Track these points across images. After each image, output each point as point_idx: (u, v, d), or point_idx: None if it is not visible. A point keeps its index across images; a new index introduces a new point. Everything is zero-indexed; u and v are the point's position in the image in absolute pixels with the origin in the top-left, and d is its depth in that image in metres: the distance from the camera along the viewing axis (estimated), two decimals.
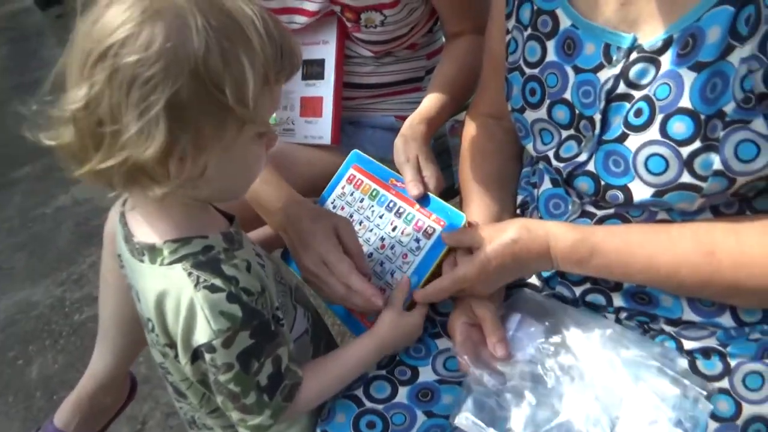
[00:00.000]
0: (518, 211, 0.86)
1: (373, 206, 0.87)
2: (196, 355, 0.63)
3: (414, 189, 0.82)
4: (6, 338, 1.90)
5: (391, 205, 0.86)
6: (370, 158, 0.91)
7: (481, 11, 1.02)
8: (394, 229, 0.84)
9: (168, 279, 0.61)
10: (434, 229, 0.80)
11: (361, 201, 0.89)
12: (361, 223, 0.88)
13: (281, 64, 0.60)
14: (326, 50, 1.06)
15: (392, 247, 0.83)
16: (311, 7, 1.01)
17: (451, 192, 1.17)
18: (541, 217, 0.79)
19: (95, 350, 1.13)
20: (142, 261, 0.64)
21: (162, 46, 0.52)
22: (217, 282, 0.60)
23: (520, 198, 0.87)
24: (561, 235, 0.69)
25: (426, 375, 0.77)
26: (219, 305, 0.60)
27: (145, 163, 0.54)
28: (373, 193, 0.88)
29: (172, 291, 0.61)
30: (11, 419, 1.65)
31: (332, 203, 0.92)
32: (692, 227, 0.65)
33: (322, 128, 1.08)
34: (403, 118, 1.13)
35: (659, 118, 0.62)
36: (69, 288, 2.04)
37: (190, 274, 0.60)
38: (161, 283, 0.62)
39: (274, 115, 1.12)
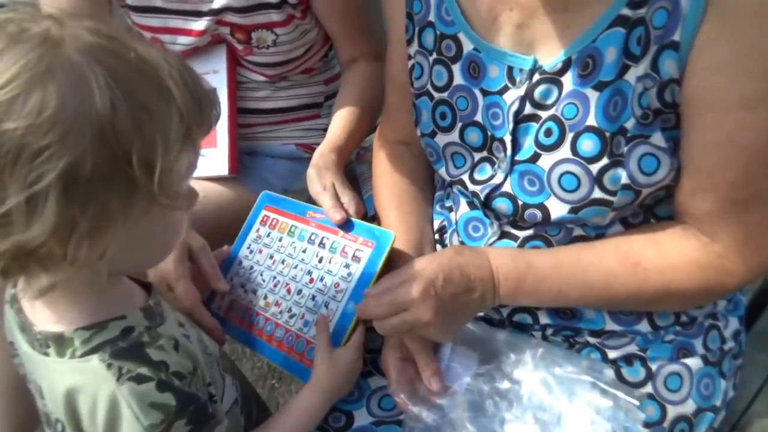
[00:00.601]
0: (436, 236, 0.85)
1: (293, 242, 0.84)
2: None
3: (336, 214, 0.80)
4: None
5: (312, 237, 0.82)
6: (282, 196, 0.88)
7: (375, 37, 1.03)
8: (320, 261, 0.80)
9: (81, 374, 0.53)
10: (363, 251, 0.78)
11: (280, 240, 0.85)
12: (283, 261, 0.83)
13: (201, 118, 0.52)
14: (217, 79, 1.02)
15: (321, 279, 0.79)
16: (198, 26, 0.97)
17: (366, 220, 1.15)
18: (461, 241, 0.79)
19: None
20: (46, 354, 0.54)
21: (57, 109, 0.43)
22: (144, 371, 0.52)
23: (437, 223, 0.86)
24: (500, 252, 0.69)
25: (362, 419, 0.73)
26: (148, 396, 0.52)
27: (34, 248, 0.45)
28: (292, 230, 0.85)
29: (86, 387, 0.52)
30: None
31: (248, 248, 0.87)
32: (614, 242, 0.67)
33: (218, 159, 1.03)
34: (305, 146, 1.11)
35: (569, 136, 0.63)
36: None
37: (109, 366, 0.52)
38: (72, 378, 0.53)
39: None
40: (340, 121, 0.96)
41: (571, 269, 0.67)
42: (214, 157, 1.03)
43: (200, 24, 0.97)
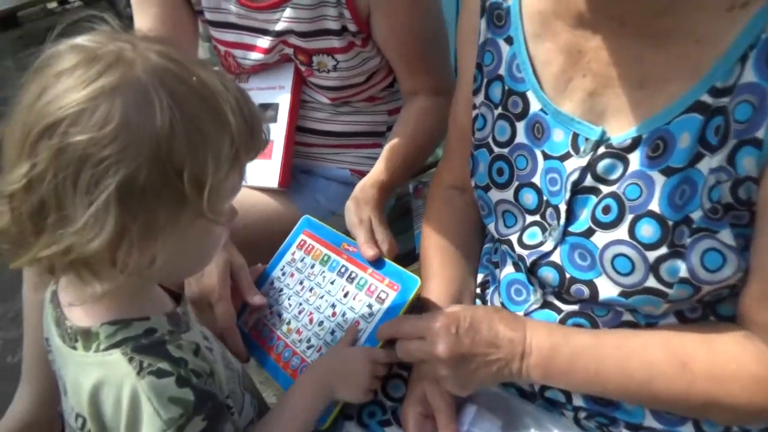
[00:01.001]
0: (478, 290, 0.83)
1: (324, 272, 0.84)
2: None
3: (369, 250, 0.79)
4: None
5: (342, 270, 0.82)
6: (322, 223, 0.89)
7: (438, 72, 1.02)
8: (345, 295, 0.80)
9: (104, 367, 0.55)
10: (387, 294, 0.77)
11: (312, 267, 0.85)
12: (311, 289, 0.84)
13: (251, 144, 0.55)
14: (282, 94, 1.06)
15: (344, 314, 0.79)
16: (265, 44, 1.00)
17: (411, 257, 1.14)
18: (501, 302, 0.76)
19: (18, 390, 1.05)
20: (74, 348, 0.57)
21: (120, 124, 0.47)
22: (164, 366, 0.54)
23: (480, 276, 0.83)
24: (538, 322, 0.66)
25: None
26: (168, 391, 0.53)
27: (90, 255, 0.48)
28: (324, 259, 0.85)
29: (109, 381, 0.54)
30: None
31: (281, 270, 0.88)
32: (663, 336, 0.62)
33: (270, 171, 1.05)
34: (359, 173, 1.11)
35: (629, 218, 0.60)
36: (3, 327, 1.91)
37: (131, 359, 0.54)
38: (97, 372, 0.55)
39: None
40: (388, 156, 0.96)
41: (611, 352, 0.62)
42: (267, 169, 1.05)
43: (265, 42, 1.00)
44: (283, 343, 0.82)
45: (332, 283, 0.82)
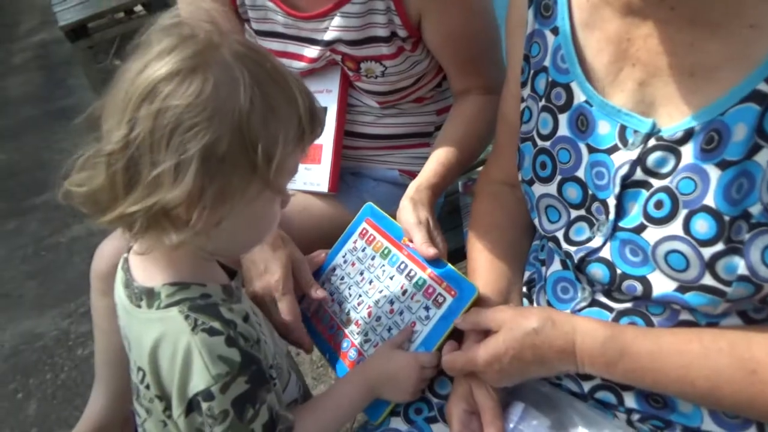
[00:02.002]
0: (525, 288, 0.81)
1: (384, 265, 0.84)
2: (191, 406, 0.60)
3: (429, 249, 0.80)
4: (8, 369, 1.89)
5: (402, 266, 0.83)
6: (384, 213, 0.89)
7: (490, 71, 1.00)
8: (404, 293, 0.80)
9: (164, 323, 0.60)
10: (444, 299, 0.77)
11: (372, 258, 0.86)
12: (371, 282, 0.85)
13: (313, 127, 0.61)
14: (329, 98, 1.06)
15: (401, 313, 0.80)
16: (312, 53, 1.01)
17: (460, 254, 1.13)
18: (548, 301, 0.74)
19: (92, 391, 1.11)
20: (139, 306, 0.63)
21: (211, 96, 0.53)
22: (216, 325, 0.59)
23: (527, 274, 0.82)
24: (590, 332, 0.63)
25: None
26: (217, 349, 0.58)
27: (171, 208, 0.54)
28: (385, 252, 0.85)
29: (168, 335, 0.60)
30: None
31: (343, 257, 0.90)
32: (728, 338, 0.59)
33: (320, 175, 1.06)
34: (408, 173, 1.12)
35: (683, 213, 0.57)
36: (75, 321, 2.03)
37: (187, 317, 0.59)
38: (157, 328, 0.61)
39: None
40: (441, 156, 0.95)
41: (671, 361, 0.59)
42: (316, 174, 1.06)
43: (313, 52, 1.00)
44: (342, 333, 0.84)
45: (391, 278, 0.83)
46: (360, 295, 0.85)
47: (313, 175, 1.07)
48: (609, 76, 0.64)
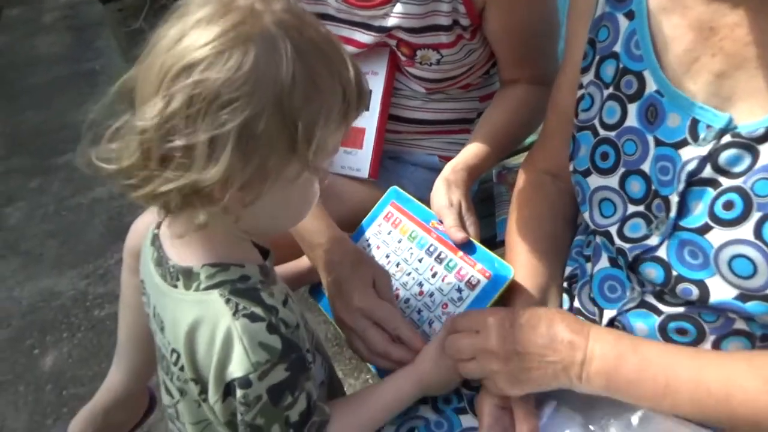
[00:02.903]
0: (565, 284, 0.79)
1: (411, 248, 0.82)
2: (227, 390, 0.58)
3: (458, 233, 0.77)
4: (26, 325, 1.91)
5: (431, 249, 0.80)
6: (410, 197, 0.87)
7: (542, 61, 0.97)
8: (434, 276, 0.78)
9: (203, 306, 0.57)
10: (478, 280, 0.75)
11: (399, 242, 0.84)
12: (398, 264, 0.82)
13: (359, 103, 0.58)
14: (375, 81, 1.03)
15: (431, 295, 0.77)
16: (364, 39, 0.98)
17: (491, 243, 1.10)
18: (592, 298, 0.72)
19: (113, 364, 1.11)
20: (175, 286, 0.60)
21: (251, 70, 0.50)
22: (257, 311, 0.56)
23: (569, 269, 0.79)
24: (602, 329, 0.63)
25: None
26: (258, 336, 0.56)
27: (206, 186, 0.51)
28: (413, 235, 0.83)
29: (206, 319, 0.57)
30: (19, 411, 1.64)
31: (367, 240, 0.87)
32: (745, 352, 0.58)
33: (361, 161, 1.04)
34: (447, 159, 1.08)
35: (756, 216, 0.54)
36: (93, 282, 2.04)
37: (228, 300, 0.56)
38: (195, 310, 0.58)
39: None
40: (481, 140, 0.93)
41: (685, 362, 0.58)
42: (357, 158, 1.04)
43: (366, 37, 0.97)
44: None
45: (420, 260, 0.81)
46: None
47: (353, 160, 1.04)
48: (683, 66, 0.60)
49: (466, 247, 0.78)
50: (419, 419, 0.73)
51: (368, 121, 1.03)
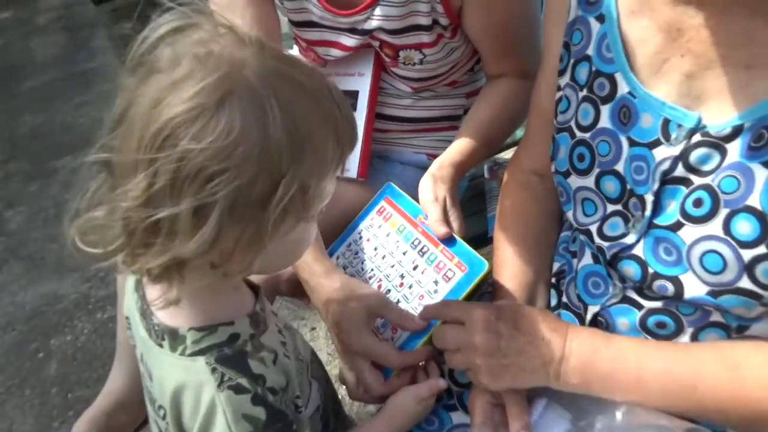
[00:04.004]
0: (553, 280, 0.80)
1: (398, 242, 0.85)
2: None
3: (441, 228, 0.79)
4: (30, 329, 1.93)
5: (415, 242, 0.83)
6: (403, 193, 0.89)
7: (525, 54, 0.98)
8: (414, 268, 0.81)
9: (188, 372, 0.56)
10: (454, 273, 0.77)
11: (387, 235, 0.87)
12: (384, 257, 0.85)
13: (353, 141, 0.55)
14: (361, 82, 1.03)
15: (410, 287, 0.80)
16: (349, 42, 0.99)
17: (483, 239, 1.12)
18: (578, 294, 0.73)
19: (113, 368, 1.12)
20: (160, 345, 0.58)
21: (238, 138, 0.46)
22: (243, 382, 0.55)
23: (556, 266, 0.81)
24: (580, 328, 0.65)
25: None
26: (242, 408, 0.54)
27: (190, 260, 0.49)
28: (400, 228, 0.86)
29: (191, 385, 0.55)
30: (26, 414, 1.66)
31: (359, 233, 0.90)
32: (715, 342, 0.60)
33: (349, 161, 1.04)
34: (436, 157, 1.09)
35: (723, 212, 0.55)
36: (95, 285, 2.06)
37: (214, 370, 0.54)
38: (181, 374, 0.56)
39: None
40: (469, 136, 0.93)
41: (655, 352, 0.60)
42: (347, 160, 1.04)
43: (351, 40, 0.98)
44: None
45: (404, 254, 0.83)
46: (372, 269, 0.85)
47: None
48: (653, 67, 0.61)
49: (448, 241, 0.80)
50: None
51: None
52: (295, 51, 1.18)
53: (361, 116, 1.03)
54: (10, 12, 4.23)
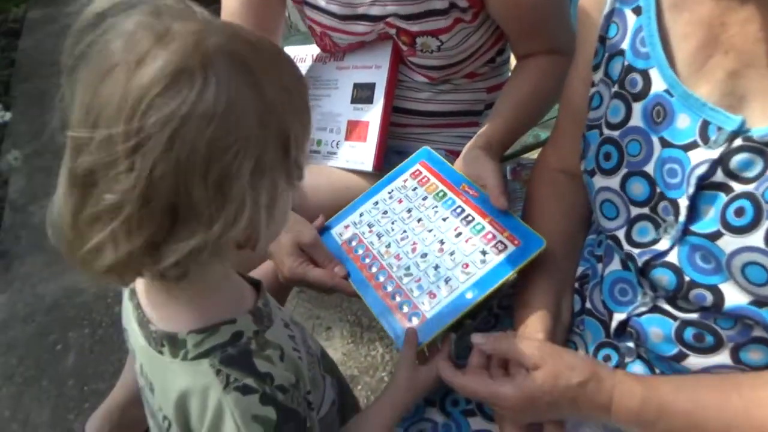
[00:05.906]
0: (576, 284, 0.77)
1: (437, 206, 0.82)
2: None
3: (502, 197, 0.76)
4: (49, 322, 1.95)
5: (458, 210, 0.80)
6: (443, 159, 0.87)
7: (554, 32, 0.95)
8: (457, 236, 0.78)
9: (193, 377, 0.53)
10: (506, 246, 0.73)
11: (424, 199, 0.84)
12: (419, 220, 0.83)
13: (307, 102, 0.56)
14: (378, 75, 1.02)
15: (452, 253, 0.77)
16: (360, 28, 0.98)
17: None
18: (603, 301, 0.70)
19: (127, 362, 1.12)
20: (161, 353, 0.55)
21: (237, 97, 0.44)
22: (250, 382, 0.52)
23: (580, 270, 0.77)
24: (628, 391, 0.59)
25: None
26: (251, 409, 0.52)
27: (216, 241, 0.46)
28: (440, 194, 0.83)
29: (197, 391, 0.53)
30: (43, 406, 1.68)
31: (389, 192, 0.88)
32: (744, 397, 0.55)
33: (364, 153, 1.03)
34: (455, 153, 1.07)
35: (766, 224, 0.52)
36: None
37: (218, 372, 0.52)
38: (184, 380, 0.53)
39: (318, 137, 1.09)
40: (509, 114, 0.92)
41: (711, 420, 0.56)
42: (361, 151, 1.03)
43: (363, 27, 0.97)
44: (378, 264, 0.81)
45: (444, 219, 0.81)
46: (404, 231, 0.83)
47: (357, 153, 1.03)
48: (695, 64, 0.58)
49: (499, 213, 0.77)
50: (426, 422, 0.73)
51: (372, 115, 1.02)
52: (298, 48, 1.17)
53: (377, 108, 1.02)
54: (40, 12, 4.31)
